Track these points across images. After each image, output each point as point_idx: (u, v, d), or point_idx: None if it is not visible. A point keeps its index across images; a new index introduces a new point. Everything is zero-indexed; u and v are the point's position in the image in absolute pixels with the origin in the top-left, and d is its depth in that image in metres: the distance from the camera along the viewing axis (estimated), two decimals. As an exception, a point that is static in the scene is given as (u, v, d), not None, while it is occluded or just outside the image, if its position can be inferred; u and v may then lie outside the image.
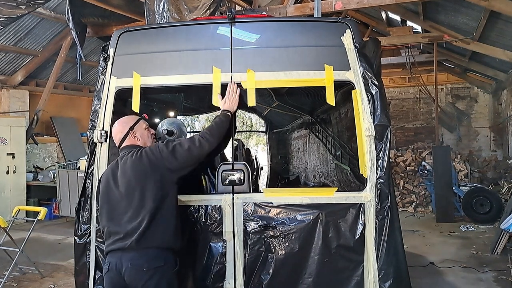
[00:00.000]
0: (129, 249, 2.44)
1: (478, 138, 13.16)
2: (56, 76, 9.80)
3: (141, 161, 2.52)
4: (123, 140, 2.67)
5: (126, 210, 2.49)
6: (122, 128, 2.69)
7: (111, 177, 2.58)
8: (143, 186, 2.49)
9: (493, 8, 6.99)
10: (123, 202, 2.51)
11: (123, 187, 2.52)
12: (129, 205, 2.49)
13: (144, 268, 2.42)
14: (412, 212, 9.57)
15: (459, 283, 5.14)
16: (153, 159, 2.52)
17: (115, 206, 2.54)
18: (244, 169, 2.85)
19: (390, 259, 2.68)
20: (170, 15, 5.56)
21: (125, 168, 2.54)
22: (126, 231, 2.46)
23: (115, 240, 2.49)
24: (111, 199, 2.55)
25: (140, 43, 3.09)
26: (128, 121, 2.71)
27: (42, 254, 6.48)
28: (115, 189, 2.55)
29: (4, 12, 6.53)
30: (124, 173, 2.54)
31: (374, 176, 2.73)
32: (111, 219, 2.54)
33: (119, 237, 2.48)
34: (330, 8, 6.66)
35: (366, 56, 2.84)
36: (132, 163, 2.53)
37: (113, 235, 2.51)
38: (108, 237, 2.55)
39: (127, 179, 2.52)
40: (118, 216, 2.51)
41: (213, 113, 3.63)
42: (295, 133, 3.81)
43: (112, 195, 2.55)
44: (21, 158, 9.35)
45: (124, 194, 2.51)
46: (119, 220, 2.50)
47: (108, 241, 2.54)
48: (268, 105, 3.55)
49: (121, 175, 2.55)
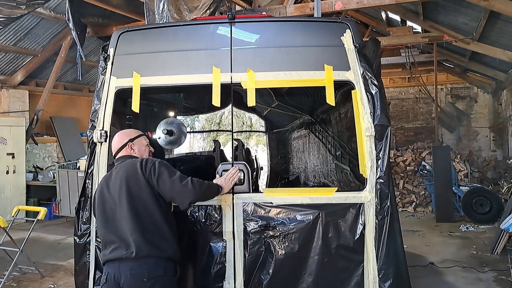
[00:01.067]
0: (128, 258, 2.38)
1: (478, 138, 13.16)
2: (56, 76, 9.79)
3: (135, 170, 2.47)
4: (120, 150, 2.66)
5: (121, 218, 2.44)
6: (121, 139, 2.69)
7: (105, 187, 2.54)
8: (137, 195, 2.45)
9: (493, 8, 6.99)
10: (118, 210, 2.46)
11: (117, 195, 2.47)
12: (125, 214, 2.43)
13: (145, 278, 2.37)
14: (412, 212, 9.57)
15: (459, 283, 5.14)
16: (144, 171, 2.47)
17: (110, 214, 2.49)
18: (244, 169, 2.85)
19: (390, 259, 2.68)
20: (170, 15, 5.56)
21: (119, 177, 2.50)
22: (123, 240, 2.41)
23: (112, 250, 2.44)
24: (106, 208, 2.51)
25: (140, 43, 3.09)
26: (130, 134, 2.71)
27: (42, 254, 6.47)
28: (109, 198, 2.50)
29: (4, 12, 6.53)
30: (118, 181, 2.49)
31: (374, 176, 2.74)
32: (107, 228, 2.49)
33: (115, 246, 2.43)
34: (330, 8, 6.66)
35: (366, 56, 2.84)
36: (127, 172, 2.49)
37: (109, 244, 2.46)
38: (104, 246, 2.51)
39: (121, 187, 2.46)
40: (114, 224, 2.46)
41: (213, 113, 3.64)
42: (295, 133, 3.81)
43: (107, 204, 2.50)
44: (21, 158, 9.34)
45: (118, 202, 2.46)
46: (115, 228, 2.45)
47: (105, 250, 2.49)
48: (268, 105, 3.55)
49: (115, 184, 2.50)
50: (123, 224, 2.43)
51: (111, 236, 2.46)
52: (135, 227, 2.40)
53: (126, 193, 2.45)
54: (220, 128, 3.63)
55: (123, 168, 2.53)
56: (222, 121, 3.58)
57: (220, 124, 3.64)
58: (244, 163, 2.89)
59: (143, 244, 2.39)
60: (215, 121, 3.70)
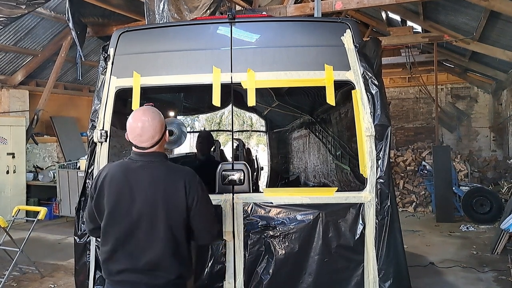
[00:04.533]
0: (145, 284, 2.09)
1: (478, 138, 13.16)
2: (56, 76, 9.80)
3: (176, 189, 2.11)
4: (156, 144, 2.20)
5: (145, 233, 2.09)
6: (161, 126, 2.21)
7: (126, 185, 2.13)
8: (168, 209, 2.10)
9: (493, 8, 6.99)
10: (143, 222, 2.09)
11: (146, 204, 2.10)
12: (150, 229, 2.09)
13: None
14: (412, 212, 9.57)
15: (459, 283, 5.14)
16: (188, 195, 2.12)
17: (130, 225, 2.11)
18: (244, 169, 2.85)
19: (390, 259, 2.68)
20: (170, 15, 5.56)
21: (153, 187, 2.12)
22: (144, 261, 2.08)
23: (126, 270, 2.11)
24: (126, 214, 2.11)
25: (140, 43, 3.09)
26: (161, 119, 2.23)
27: (42, 254, 6.47)
28: (132, 204, 2.12)
29: (4, 12, 6.52)
30: (151, 191, 2.11)
31: (374, 176, 2.74)
32: (123, 241, 2.11)
33: (132, 266, 2.10)
34: (330, 8, 6.66)
35: (366, 56, 2.84)
36: (165, 185, 2.11)
37: (122, 261, 2.12)
38: (111, 259, 2.14)
39: (156, 202, 2.10)
40: (134, 240, 2.10)
41: (213, 112, 3.63)
42: (295, 133, 3.81)
43: (129, 211, 2.11)
44: (21, 158, 9.34)
45: (148, 219, 2.10)
46: (135, 245, 2.10)
47: (114, 265, 2.13)
48: (268, 105, 3.55)
49: (143, 191, 2.12)
50: (146, 241, 2.10)
51: (126, 253, 2.11)
52: (159, 248, 2.09)
53: (162, 212, 2.09)
54: (220, 128, 3.63)
55: (156, 177, 2.14)
56: (222, 121, 3.58)
57: (220, 124, 3.63)
58: (244, 163, 2.89)
59: (164, 268, 2.10)
60: (215, 121, 3.70)
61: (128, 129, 2.20)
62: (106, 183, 2.17)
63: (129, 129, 2.20)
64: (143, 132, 2.16)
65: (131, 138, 2.20)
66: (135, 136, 2.18)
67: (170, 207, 2.11)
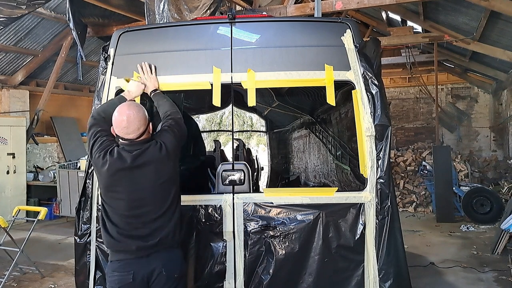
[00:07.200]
0: (160, 252, 2.33)
1: (479, 138, 13.15)
2: (56, 76, 9.80)
3: (161, 153, 2.36)
4: (141, 136, 2.40)
5: (149, 206, 2.34)
6: (145, 119, 2.42)
7: (128, 169, 2.33)
8: (165, 180, 2.37)
9: (493, 8, 6.98)
10: (146, 196, 2.34)
11: (147, 181, 2.34)
12: (153, 201, 2.34)
13: (176, 274, 2.35)
14: (412, 212, 9.57)
15: (459, 283, 5.13)
16: (169, 148, 2.39)
17: (134, 201, 2.34)
18: (244, 169, 2.85)
19: (390, 259, 2.68)
20: (170, 15, 5.56)
21: (146, 161, 2.34)
22: (152, 231, 2.31)
23: (137, 240, 2.31)
24: (130, 191, 2.33)
25: (141, 43, 3.09)
26: (143, 109, 2.45)
27: (42, 254, 6.47)
28: (135, 183, 2.34)
29: (5, 12, 6.53)
30: (145, 166, 2.34)
31: (374, 176, 2.74)
32: (128, 216, 2.34)
33: (141, 237, 2.30)
34: (330, 8, 6.66)
35: (366, 56, 2.84)
36: (154, 156, 2.35)
37: (132, 234, 2.32)
38: (121, 235, 2.33)
39: (150, 172, 2.34)
40: (141, 213, 2.33)
41: (213, 113, 3.63)
42: (296, 133, 3.81)
43: (132, 189, 2.34)
44: (21, 158, 9.34)
45: (148, 188, 2.34)
46: (142, 217, 2.33)
47: (125, 241, 2.33)
48: (269, 105, 3.55)
49: (141, 169, 2.34)
50: (152, 213, 2.35)
51: (135, 225, 2.33)
52: (164, 217, 2.36)
53: (157, 180, 2.36)
54: (221, 128, 3.63)
55: (150, 153, 2.35)
56: (222, 121, 3.58)
57: (220, 124, 3.63)
58: (244, 163, 2.89)
59: (171, 235, 2.36)
60: (216, 121, 3.70)
61: (114, 122, 2.39)
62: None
63: (115, 123, 2.39)
64: (129, 125, 2.35)
65: (118, 131, 2.39)
66: (122, 129, 2.36)
67: (163, 172, 2.38)
